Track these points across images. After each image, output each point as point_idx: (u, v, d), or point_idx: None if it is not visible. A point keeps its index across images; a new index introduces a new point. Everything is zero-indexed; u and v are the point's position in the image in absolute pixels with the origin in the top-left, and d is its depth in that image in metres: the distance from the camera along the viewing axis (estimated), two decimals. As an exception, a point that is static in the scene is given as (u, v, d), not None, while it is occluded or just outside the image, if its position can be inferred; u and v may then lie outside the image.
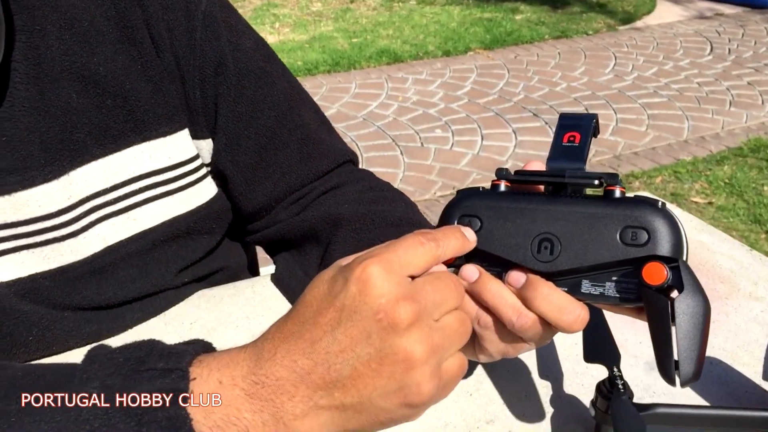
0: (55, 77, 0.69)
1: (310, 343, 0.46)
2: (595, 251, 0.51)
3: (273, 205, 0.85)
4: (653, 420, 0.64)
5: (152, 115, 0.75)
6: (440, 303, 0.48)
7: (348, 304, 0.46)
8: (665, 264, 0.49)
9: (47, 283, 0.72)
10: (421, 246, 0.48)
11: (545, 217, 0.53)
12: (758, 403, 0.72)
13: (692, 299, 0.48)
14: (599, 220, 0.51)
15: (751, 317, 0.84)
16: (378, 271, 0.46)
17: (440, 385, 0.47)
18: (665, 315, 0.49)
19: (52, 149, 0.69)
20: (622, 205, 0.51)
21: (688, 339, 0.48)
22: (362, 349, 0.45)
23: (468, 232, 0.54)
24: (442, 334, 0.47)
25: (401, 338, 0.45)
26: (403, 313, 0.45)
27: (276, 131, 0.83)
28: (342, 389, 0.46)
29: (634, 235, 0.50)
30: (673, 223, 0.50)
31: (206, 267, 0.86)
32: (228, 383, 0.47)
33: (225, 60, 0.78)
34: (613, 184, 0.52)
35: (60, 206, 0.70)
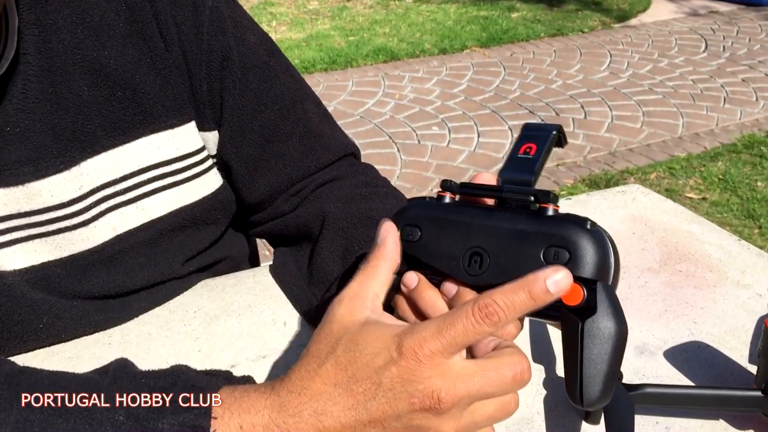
0: (67, 70, 0.71)
1: (341, 408, 0.48)
2: (519, 267, 0.52)
3: (275, 196, 0.88)
4: (642, 400, 0.67)
5: (161, 107, 0.77)
6: (485, 394, 0.48)
7: (386, 382, 0.47)
8: (583, 285, 0.50)
9: (59, 271, 0.74)
10: (473, 326, 0.47)
11: (479, 232, 0.54)
12: (743, 385, 0.74)
13: (603, 322, 0.49)
14: (526, 238, 0.52)
15: (739, 304, 0.87)
16: (423, 358, 0.47)
17: None
18: (575, 336, 0.50)
19: (64, 140, 0.71)
20: (550, 224, 0.52)
21: (593, 362, 0.49)
22: (391, 422, 0.48)
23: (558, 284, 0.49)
24: (473, 418, 0.49)
25: (432, 420, 0.47)
26: (441, 404, 0.46)
27: (279, 124, 0.86)
28: None
29: (556, 255, 0.51)
30: (599, 245, 0.50)
31: (211, 256, 0.88)
32: (248, 429, 0.50)
33: (231, 54, 0.81)
34: (546, 202, 0.53)
35: (71, 196, 0.73)
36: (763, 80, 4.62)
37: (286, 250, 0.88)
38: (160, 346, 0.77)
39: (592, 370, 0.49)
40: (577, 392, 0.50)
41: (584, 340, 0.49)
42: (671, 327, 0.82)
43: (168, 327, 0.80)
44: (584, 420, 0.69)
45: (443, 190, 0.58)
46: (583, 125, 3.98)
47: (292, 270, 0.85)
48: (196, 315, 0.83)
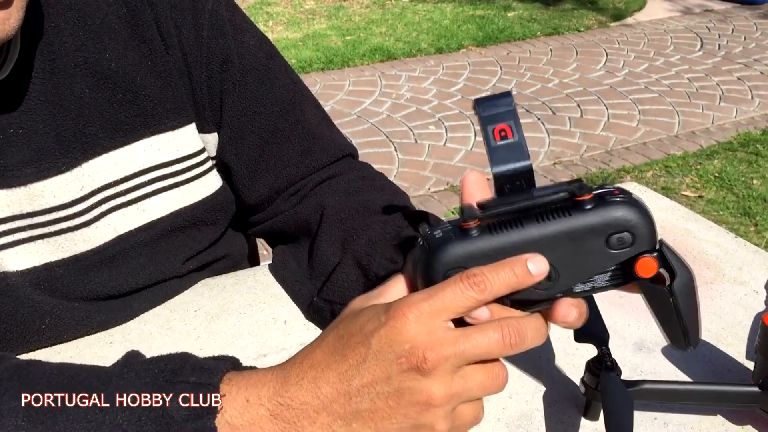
0: (69, 72, 0.72)
1: (336, 374, 0.50)
2: (588, 265, 0.52)
3: (274, 196, 0.88)
4: (640, 396, 0.68)
5: (161, 109, 0.78)
6: (471, 355, 0.49)
7: (374, 344, 0.49)
8: (652, 255, 0.51)
9: (61, 271, 0.75)
10: (461, 291, 0.49)
11: (531, 248, 0.52)
12: (741, 380, 0.75)
13: (684, 278, 0.52)
14: (584, 236, 0.51)
15: (736, 300, 0.87)
16: (411, 319, 0.48)
17: (453, 427, 0.50)
18: (668, 302, 0.53)
19: (66, 142, 0.72)
20: (600, 212, 0.51)
21: (690, 312, 0.53)
22: (382, 387, 0.49)
23: (535, 264, 0.50)
24: (463, 384, 0.49)
25: (420, 382, 0.48)
26: (426, 363, 0.47)
27: (278, 126, 0.86)
28: (360, 421, 0.49)
29: (620, 241, 0.51)
30: (647, 214, 0.51)
31: (211, 255, 0.89)
32: (255, 402, 0.51)
33: (230, 57, 0.82)
34: (582, 194, 0.51)
35: (73, 197, 0.73)
36: (758, 78, 4.63)
37: (285, 248, 0.89)
38: (161, 345, 0.78)
39: (691, 318, 0.53)
40: (684, 342, 0.54)
41: (677, 300, 0.52)
42: (669, 324, 0.83)
43: (169, 326, 0.81)
44: (583, 416, 0.70)
45: (466, 221, 0.51)
46: (579, 124, 3.99)
47: (292, 266, 0.86)
48: (196, 314, 0.83)
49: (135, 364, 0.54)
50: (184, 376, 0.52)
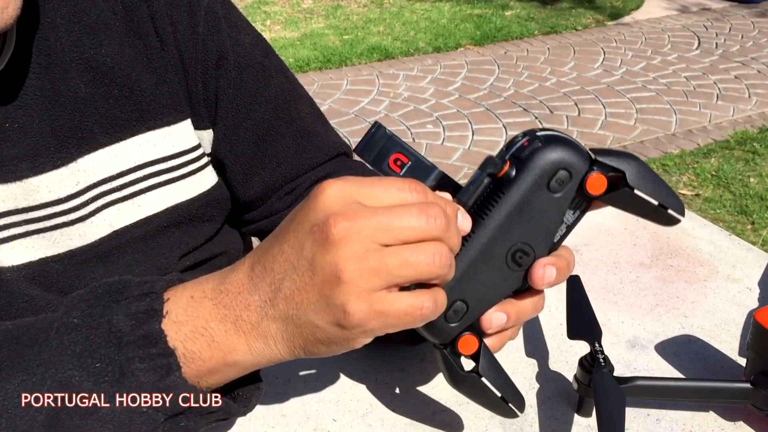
0: (64, 68, 0.72)
1: (265, 252, 0.48)
2: (550, 219, 0.54)
3: (268, 194, 0.88)
4: (633, 392, 0.68)
5: (157, 105, 0.78)
6: (390, 228, 0.45)
7: (297, 218, 0.47)
8: (594, 171, 0.52)
9: (56, 266, 0.75)
10: (397, 189, 0.47)
11: (492, 244, 0.53)
12: (733, 377, 0.75)
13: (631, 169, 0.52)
14: (528, 201, 0.52)
15: (729, 298, 0.88)
16: (331, 190, 0.46)
17: (372, 312, 0.46)
18: (634, 196, 0.53)
19: (61, 137, 0.72)
20: (525, 173, 0.52)
21: (658, 188, 0.53)
22: (298, 261, 0.46)
23: (464, 219, 0.52)
24: (379, 258, 0.45)
25: (329, 254, 0.45)
26: (335, 229, 0.44)
27: (273, 124, 0.86)
28: (284, 300, 0.47)
29: (559, 181, 0.52)
30: (564, 141, 0.52)
31: (207, 251, 0.89)
32: (199, 296, 0.50)
33: (226, 54, 0.82)
34: (499, 169, 0.52)
35: (68, 192, 0.73)
36: (755, 77, 4.64)
37: None
38: (157, 341, 0.78)
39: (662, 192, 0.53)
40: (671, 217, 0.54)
41: (641, 188, 0.53)
42: (662, 321, 0.83)
43: (164, 323, 0.81)
44: (576, 412, 0.70)
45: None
46: (576, 122, 4.00)
47: None
48: (192, 311, 0.83)
49: (80, 293, 0.52)
50: (129, 291, 0.51)
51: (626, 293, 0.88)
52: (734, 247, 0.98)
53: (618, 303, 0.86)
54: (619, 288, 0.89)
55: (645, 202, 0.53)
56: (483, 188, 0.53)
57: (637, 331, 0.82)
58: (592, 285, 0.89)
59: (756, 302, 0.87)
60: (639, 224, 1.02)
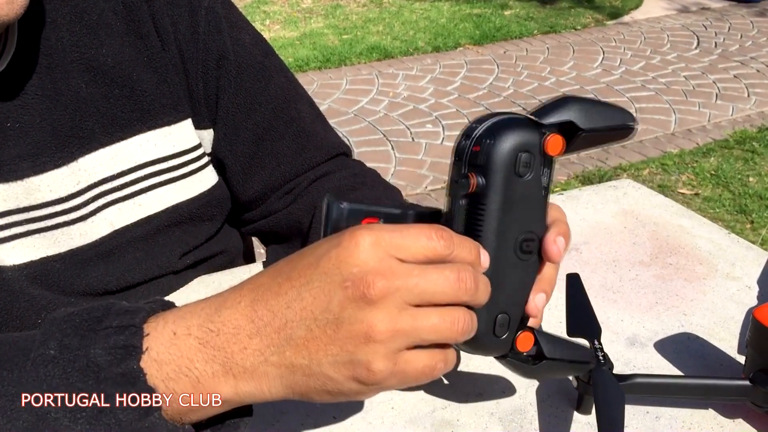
0: (65, 68, 0.72)
1: (275, 295, 0.46)
2: (533, 204, 0.54)
3: (268, 194, 0.89)
4: (632, 390, 0.68)
5: (157, 105, 0.78)
6: (424, 291, 0.46)
7: (323, 266, 0.45)
8: (546, 135, 0.53)
9: (58, 266, 0.75)
10: (427, 239, 0.47)
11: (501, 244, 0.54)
12: (732, 375, 0.76)
13: (580, 112, 0.54)
14: (509, 201, 0.53)
15: (728, 296, 0.88)
16: (365, 242, 0.45)
17: (394, 371, 0.46)
18: (592, 136, 0.55)
19: (62, 136, 0.73)
20: (491, 177, 0.52)
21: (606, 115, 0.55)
22: (321, 313, 0.45)
23: (484, 257, 0.51)
24: (412, 322, 0.45)
25: (362, 311, 0.44)
26: (373, 289, 0.44)
27: (273, 123, 0.87)
28: (294, 348, 0.45)
29: (523, 164, 0.52)
30: (506, 124, 0.52)
31: (207, 250, 0.89)
32: (182, 333, 0.47)
33: (226, 54, 0.82)
34: (468, 187, 0.52)
35: (69, 191, 0.74)
36: (754, 76, 4.64)
37: (278, 248, 0.90)
38: (158, 340, 0.78)
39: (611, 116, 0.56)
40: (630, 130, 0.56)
41: (597, 132, 0.55)
42: (662, 319, 0.84)
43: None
44: (576, 410, 0.71)
45: None
46: (576, 122, 3.99)
47: None
48: (193, 310, 0.83)
49: (57, 320, 0.49)
50: (107, 321, 0.48)
51: (625, 291, 0.88)
52: (733, 245, 0.98)
53: (617, 301, 0.87)
54: (618, 286, 0.89)
55: (600, 134, 0.55)
56: (465, 211, 0.53)
57: (637, 328, 0.82)
58: (592, 283, 0.89)
59: (755, 300, 0.87)
60: (638, 223, 1.03)
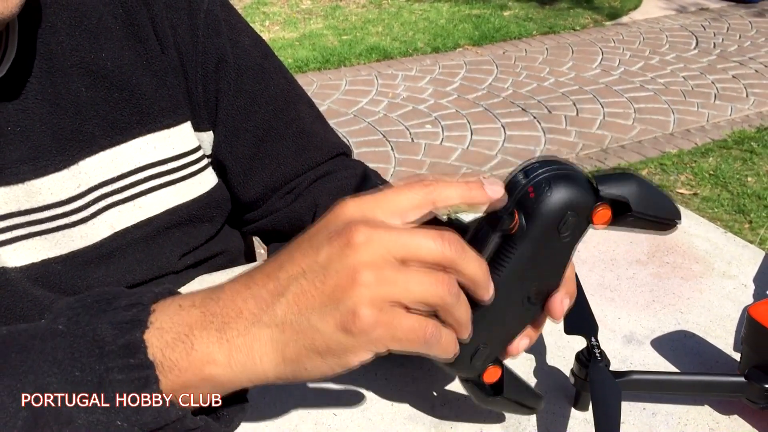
0: (65, 71, 0.73)
1: (273, 263, 0.48)
2: (558, 259, 0.54)
3: (269, 194, 0.89)
4: (629, 386, 0.69)
5: (157, 108, 0.79)
6: (410, 245, 0.46)
7: (313, 230, 0.48)
8: (598, 206, 0.52)
9: (59, 267, 0.76)
10: (408, 190, 0.48)
11: (513, 289, 0.53)
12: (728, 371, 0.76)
13: (633, 195, 0.52)
14: (539, 250, 0.52)
15: (724, 294, 0.89)
16: (352, 203, 0.47)
17: (381, 320, 0.45)
18: (638, 220, 0.53)
19: (62, 140, 0.73)
20: (535, 224, 0.51)
21: (659, 206, 0.54)
22: (309, 266, 0.46)
23: (492, 188, 0.50)
24: (398, 272, 0.46)
25: (348, 258, 0.45)
26: (357, 234, 0.45)
27: (273, 125, 0.87)
28: (285, 306, 0.46)
29: (567, 224, 0.51)
30: (569, 181, 0.51)
31: (208, 251, 0.90)
32: (187, 305, 0.49)
33: (225, 56, 0.83)
34: (511, 227, 0.51)
35: (70, 194, 0.74)
36: (753, 76, 4.65)
37: (279, 247, 0.90)
38: (159, 340, 0.79)
39: (661, 207, 0.54)
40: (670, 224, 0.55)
41: (643, 213, 0.53)
42: (658, 317, 0.84)
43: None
44: (573, 406, 0.71)
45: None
46: (575, 122, 4.01)
47: None
48: (193, 310, 0.84)
49: (70, 300, 0.52)
50: (118, 302, 0.50)
51: (623, 290, 0.89)
52: (730, 244, 0.99)
53: (614, 299, 0.87)
54: (615, 284, 0.90)
55: (648, 221, 0.54)
56: (494, 244, 0.52)
57: (634, 326, 0.83)
58: (589, 281, 0.90)
59: (751, 298, 0.88)
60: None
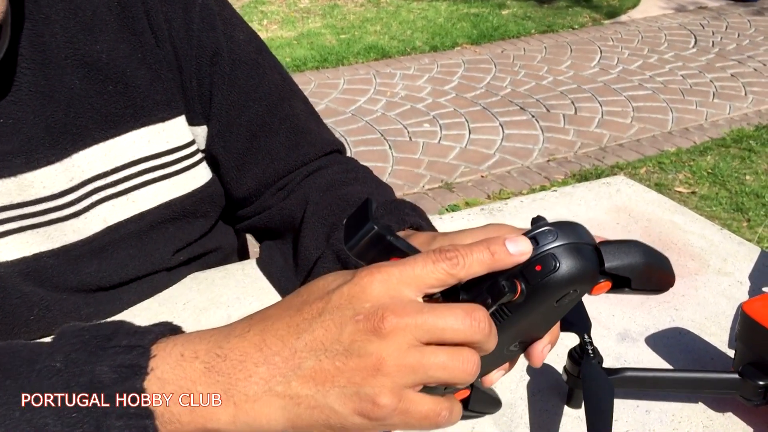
0: (59, 64, 0.73)
1: (286, 326, 0.46)
2: (554, 320, 0.54)
3: (262, 190, 0.89)
4: (622, 383, 0.69)
5: (151, 101, 0.79)
6: (435, 329, 0.45)
7: (335, 300, 0.45)
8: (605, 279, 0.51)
9: (51, 262, 0.75)
10: (432, 263, 0.46)
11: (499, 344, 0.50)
12: (722, 369, 0.76)
13: (642, 273, 0.52)
14: (537, 313, 0.50)
15: (720, 291, 0.88)
16: (377, 279, 0.45)
17: (399, 408, 0.45)
18: (637, 290, 0.53)
19: (55, 133, 0.73)
20: (538, 300, 0.49)
21: (657, 282, 0.54)
22: (331, 344, 0.45)
23: (516, 244, 0.48)
24: (420, 358, 0.45)
25: (373, 344, 0.44)
26: (385, 323, 0.44)
27: (266, 120, 0.87)
28: (301, 379, 0.45)
29: (568, 298, 0.50)
30: (578, 253, 0.49)
31: (201, 247, 0.90)
32: (189, 356, 0.47)
33: (220, 50, 0.82)
34: (513, 296, 0.48)
35: (63, 187, 0.74)
36: (751, 75, 4.65)
37: (272, 244, 0.90)
38: (151, 336, 0.79)
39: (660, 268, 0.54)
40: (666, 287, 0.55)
41: (641, 283, 0.52)
42: (653, 314, 0.84)
43: (157, 319, 0.80)
44: (566, 404, 0.71)
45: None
46: (573, 121, 4.00)
47: (278, 262, 0.87)
48: (185, 307, 0.84)
49: (67, 334, 0.50)
50: (117, 341, 0.48)
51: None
52: (725, 241, 0.99)
53: (608, 296, 0.87)
54: (610, 282, 0.90)
55: (640, 291, 0.54)
56: (489, 305, 0.50)
57: (628, 324, 0.82)
58: (584, 279, 0.90)
59: (746, 295, 0.88)
60: (631, 219, 1.03)
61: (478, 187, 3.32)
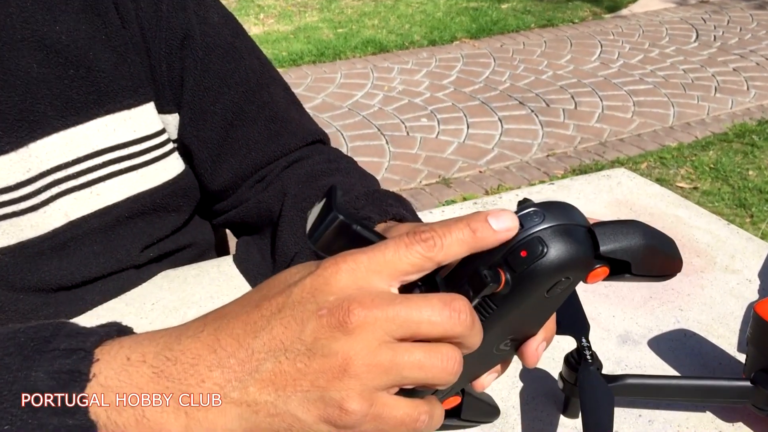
0: (14, 45, 0.67)
1: (243, 324, 0.41)
2: (547, 313, 0.49)
3: (238, 183, 0.84)
4: (623, 391, 0.63)
5: (116, 86, 0.73)
6: (409, 323, 0.40)
7: (296, 293, 0.40)
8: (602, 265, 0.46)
9: (6, 259, 0.70)
10: (405, 247, 0.41)
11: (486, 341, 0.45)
12: (731, 375, 0.71)
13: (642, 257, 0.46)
14: (527, 306, 0.45)
15: (727, 290, 0.83)
16: (344, 269, 0.40)
17: (370, 414, 0.40)
18: (637, 276, 0.47)
19: (11, 120, 0.68)
20: (524, 290, 0.43)
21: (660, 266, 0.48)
22: (292, 344, 0.40)
23: (499, 219, 0.43)
24: (393, 356, 0.40)
25: (338, 342, 0.39)
26: (352, 317, 0.39)
27: (243, 107, 0.82)
28: (259, 384, 0.40)
29: (559, 286, 0.44)
30: (569, 236, 0.43)
31: (173, 243, 0.84)
32: (136, 360, 0.42)
33: (192, 32, 0.77)
34: (496, 288, 0.43)
35: (18, 179, 0.69)
36: (754, 69, 4.60)
37: (249, 239, 0.85)
38: (117, 339, 0.73)
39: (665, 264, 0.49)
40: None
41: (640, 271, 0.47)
42: (656, 314, 0.79)
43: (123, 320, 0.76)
44: (562, 413, 0.66)
45: None
46: (573, 116, 3.95)
47: (255, 259, 0.81)
48: (154, 307, 0.78)
49: (1, 335, 0.44)
50: (56, 343, 0.43)
51: (617, 285, 0.83)
52: (733, 236, 0.93)
53: (609, 296, 0.82)
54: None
55: (641, 278, 0.48)
56: (472, 298, 0.44)
57: (629, 325, 0.77)
58: (582, 277, 0.84)
59: (756, 294, 0.82)
60: (632, 213, 0.98)
61: (476, 183, 3.27)
